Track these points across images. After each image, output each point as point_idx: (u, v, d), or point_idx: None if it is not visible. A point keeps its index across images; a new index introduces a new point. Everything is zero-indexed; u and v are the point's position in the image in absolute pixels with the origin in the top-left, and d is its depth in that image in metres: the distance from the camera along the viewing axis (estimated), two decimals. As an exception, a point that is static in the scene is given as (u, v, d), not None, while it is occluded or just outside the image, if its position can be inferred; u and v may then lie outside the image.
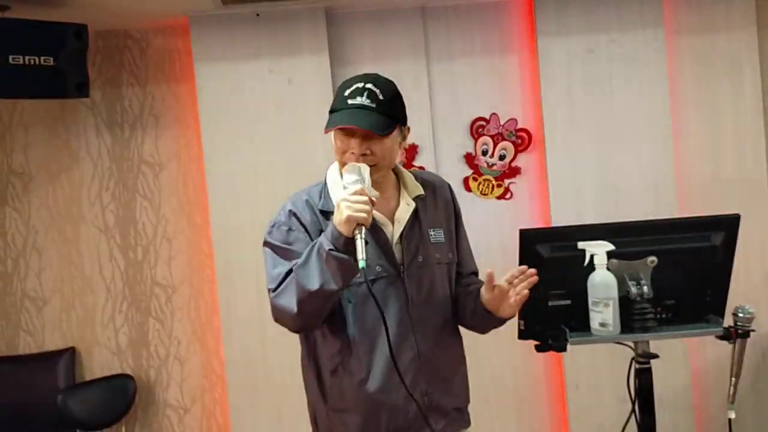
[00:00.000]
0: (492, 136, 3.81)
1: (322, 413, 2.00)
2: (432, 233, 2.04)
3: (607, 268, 2.11)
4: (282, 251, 1.91)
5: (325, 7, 3.60)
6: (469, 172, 3.80)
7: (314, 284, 1.77)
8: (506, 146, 3.81)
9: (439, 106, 3.78)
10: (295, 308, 1.82)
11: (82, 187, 3.81)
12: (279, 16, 3.59)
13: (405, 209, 2.00)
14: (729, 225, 2.19)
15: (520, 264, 2.03)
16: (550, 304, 2.20)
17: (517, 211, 3.80)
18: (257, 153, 3.62)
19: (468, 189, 3.80)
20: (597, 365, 3.62)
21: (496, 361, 3.78)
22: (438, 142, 3.77)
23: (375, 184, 1.89)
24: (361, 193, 1.76)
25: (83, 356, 3.80)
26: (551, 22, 3.69)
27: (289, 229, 1.94)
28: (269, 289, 1.91)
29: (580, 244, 2.12)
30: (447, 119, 3.79)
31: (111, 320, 3.81)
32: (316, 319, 1.90)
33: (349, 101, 1.89)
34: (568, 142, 3.72)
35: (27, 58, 2.99)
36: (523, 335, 2.26)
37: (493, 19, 3.80)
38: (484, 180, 3.81)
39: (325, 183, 2.02)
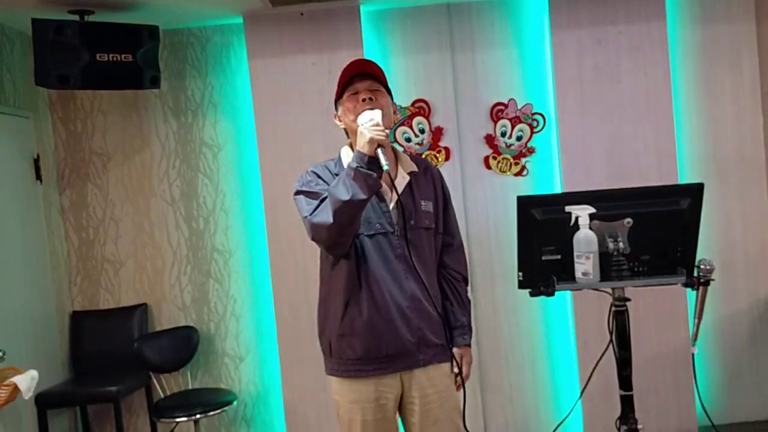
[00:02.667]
0: (510, 119, 4.22)
1: (334, 339, 2.40)
2: (423, 203, 2.45)
3: (590, 228, 2.52)
4: (312, 195, 2.33)
5: (361, 5, 4.04)
6: (489, 151, 4.21)
7: (346, 195, 2.16)
8: (523, 128, 4.23)
9: (462, 92, 4.18)
10: (331, 218, 2.19)
11: (152, 166, 4.31)
12: (320, 15, 4.03)
13: (402, 180, 2.43)
14: (695, 192, 2.56)
15: (519, 225, 2.50)
16: (543, 258, 2.62)
17: (532, 187, 4.20)
18: (302, 135, 4.07)
19: (488, 167, 4.22)
20: (603, 325, 4.02)
21: (513, 323, 4.23)
22: (461, 124, 4.18)
23: None
24: (377, 125, 2.22)
25: (154, 311, 4.31)
26: (564, 16, 4.05)
27: (316, 183, 2.37)
28: (305, 217, 2.29)
29: (567, 208, 2.55)
30: (469, 104, 4.19)
31: (177, 281, 4.32)
32: (348, 231, 2.26)
33: (352, 70, 2.38)
34: (578, 124, 4.09)
35: (110, 55, 3.48)
36: (521, 285, 2.68)
37: (511, 14, 4.18)
38: (503, 159, 4.23)
39: (339, 157, 2.48)
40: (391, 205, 2.40)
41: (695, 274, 2.55)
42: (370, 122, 2.24)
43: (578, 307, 4.05)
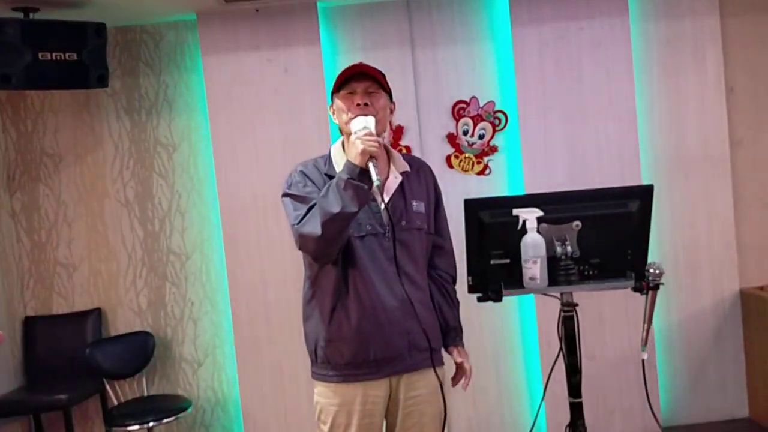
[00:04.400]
0: (472, 117, 4.15)
1: (321, 344, 2.34)
2: (414, 204, 2.40)
3: (538, 231, 2.46)
4: (300, 198, 2.26)
5: (317, 1, 3.95)
6: (451, 150, 4.14)
7: (336, 208, 2.10)
8: (485, 126, 4.16)
9: (423, 90, 4.10)
10: (319, 231, 2.13)
11: (105, 166, 4.21)
12: (276, 11, 3.94)
13: (393, 181, 2.36)
14: (644, 194, 2.49)
15: (466, 228, 2.43)
16: (492, 262, 2.56)
17: (495, 186, 4.13)
18: (258, 134, 3.99)
19: (450, 166, 4.15)
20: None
21: (476, 324, 4.15)
22: (422, 123, 4.10)
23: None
24: (370, 134, 2.15)
25: (108, 316, 4.21)
26: (525, 11, 3.99)
27: (304, 185, 2.30)
28: (293, 225, 2.22)
29: (515, 211, 2.49)
30: (430, 102, 4.11)
31: (132, 284, 4.22)
32: (336, 244, 2.20)
33: (351, 70, 2.29)
34: (540, 123, 4.03)
35: (54, 54, 3.40)
36: (471, 290, 2.62)
37: (472, 9, 4.10)
38: (465, 158, 4.16)
39: (329, 154, 2.39)
40: (382, 206, 2.32)
41: (645, 278, 2.49)
42: (363, 131, 2.16)
43: (541, 307, 3.99)
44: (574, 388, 2.57)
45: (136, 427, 3.68)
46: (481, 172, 4.16)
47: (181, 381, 4.24)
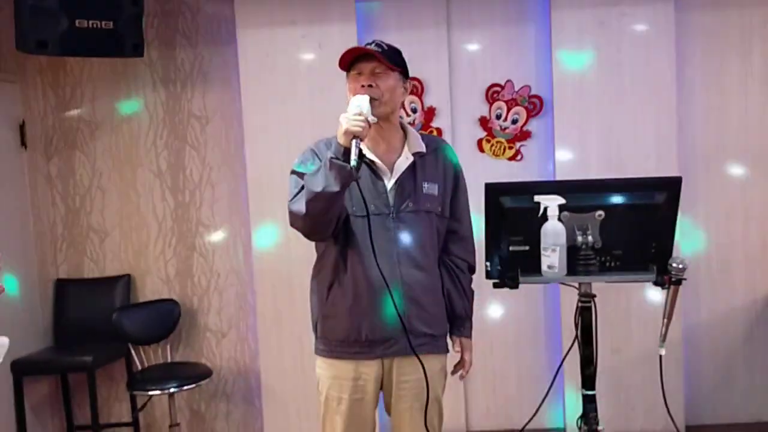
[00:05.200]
0: (506, 101, 4.08)
1: (320, 319, 2.38)
2: (426, 185, 2.35)
3: (559, 219, 2.42)
4: (302, 176, 2.25)
5: (354, -22, 3.93)
6: (482, 134, 4.08)
7: (318, 187, 2.10)
8: (519, 111, 4.09)
9: (457, 72, 4.05)
10: (303, 209, 2.15)
11: (140, 136, 4.26)
12: (313, -13, 3.93)
13: (404, 162, 2.34)
14: (671, 186, 2.43)
15: (486, 213, 2.40)
16: (510, 249, 2.54)
17: (526, 172, 4.06)
18: (289, 109, 3.99)
19: (481, 150, 4.09)
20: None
21: (499, 311, 4.13)
22: (455, 105, 4.05)
23: (382, 135, 2.30)
24: (359, 114, 2.12)
25: (137, 282, 4.29)
26: (565, -6, 3.90)
27: (312, 162, 2.29)
28: (289, 202, 2.25)
29: (536, 198, 2.45)
30: (464, 84, 4.06)
31: (162, 253, 4.29)
32: (323, 223, 2.20)
33: (353, 53, 2.27)
34: (576, 109, 3.94)
35: (90, 22, 3.43)
36: (489, 275, 2.60)
37: (512, -9, 4.03)
38: (497, 142, 4.11)
39: None
40: (389, 186, 2.32)
41: (667, 272, 2.43)
42: (353, 110, 2.14)
43: (566, 296, 3.93)
44: (588, 379, 2.53)
45: (157, 392, 3.76)
46: (512, 158, 4.10)
47: (205, 350, 4.30)
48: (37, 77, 4.22)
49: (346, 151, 2.09)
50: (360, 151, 2.10)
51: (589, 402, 2.52)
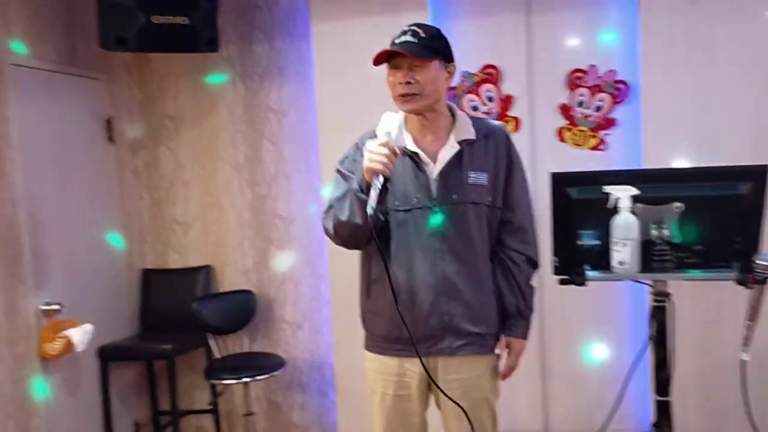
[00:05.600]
0: (589, 87, 3.86)
1: (364, 314, 2.37)
2: (472, 175, 2.24)
3: (632, 212, 2.25)
4: (345, 177, 2.24)
5: (428, -35, 3.83)
6: (563, 122, 3.89)
7: (343, 216, 2.11)
8: (603, 97, 3.86)
9: (536, 57, 3.87)
10: (332, 231, 2.19)
11: (219, 130, 4.35)
12: (386, -25, 3.86)
13: (448, 151, 2.24)
14: (757, 175, 2.20)
15: (553, 205, 2.26)
16: (578, 243, 2.38)
17: (610, 163, 3.84)
18: (363, 101, 3.94)
19: (562, 139, 3.90)
20: (682, 314, 3.66)
21: (581, 306, 3.91)
22: (534, 93, 3.88)
23: (427, 125, 2.22)
24: (385, 144, 2.02)
25: (217, 273, 4.39)
26: (653, -27, 3.66)
27: (354, 160, 2.26)
28: (323, 213, 2.26)
29: (606, 188, 2.28)
30: (544, 71, 3.87)
31: (240, 245, 4.36)
32: (353, 241, 2.20)
33: (396, 41, 2.20)
34: (665, 95, 3.69)
35: (165, 17, 3.51)
36: (556, 271, 2.46)
37: (595, -30, 3.81)
38: (579, 131, 3.90)
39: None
40: (432, 177, 2.23)
41: (751, 270, 2.21)
42: (383, 135, 2.05)
43: (653, 295, 3.69)
44: (662, 385, 2.36)
45: (232, 380, 3.82)
46: (595, 147, 3.89)
47: (281, 341, 4.34)
48: (123, 74, 4.38)
49: (369, 186, 2.02)
50: (386, 189, 2.02)
51: (662, 409, 2.34)
